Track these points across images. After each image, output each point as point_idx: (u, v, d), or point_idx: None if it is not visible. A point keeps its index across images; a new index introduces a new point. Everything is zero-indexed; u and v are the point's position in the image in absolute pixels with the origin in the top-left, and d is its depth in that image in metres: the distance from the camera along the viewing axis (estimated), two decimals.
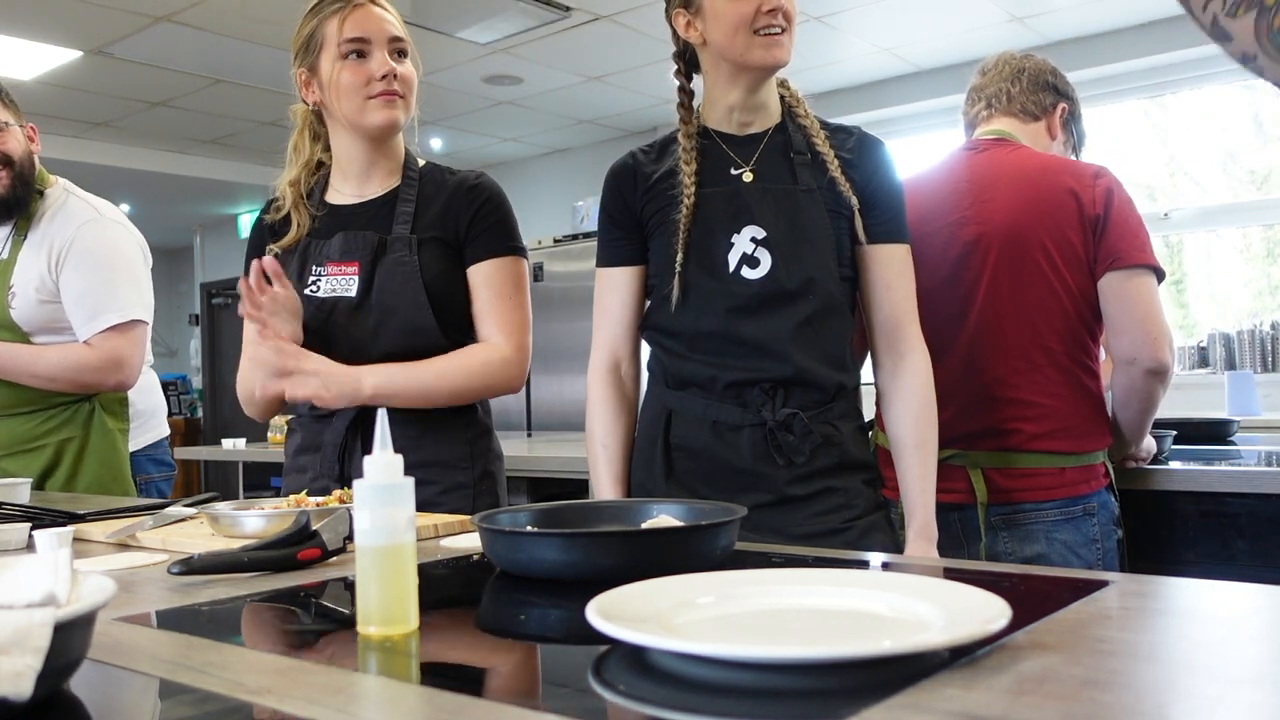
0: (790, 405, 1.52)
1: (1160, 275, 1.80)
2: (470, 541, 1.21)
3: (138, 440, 2.46)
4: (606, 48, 5.52)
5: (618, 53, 5.59)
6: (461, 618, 0.89)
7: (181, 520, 1.39)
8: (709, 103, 1.63)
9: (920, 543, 1.53)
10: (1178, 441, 2.24)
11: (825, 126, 1.62)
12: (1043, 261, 1.82)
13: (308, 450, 1.73)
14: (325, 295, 1.66)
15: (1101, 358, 1.91)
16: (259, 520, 1.23)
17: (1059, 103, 2.00)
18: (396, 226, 1.69)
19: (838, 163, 1.57)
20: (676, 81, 1.64)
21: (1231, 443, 2.58)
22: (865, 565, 1.09)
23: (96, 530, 1.36)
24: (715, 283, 1.54)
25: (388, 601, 0.77)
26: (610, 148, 7.13)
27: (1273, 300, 5.36)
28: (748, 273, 1.53)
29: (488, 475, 1.74)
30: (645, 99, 6.42)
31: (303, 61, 1.70)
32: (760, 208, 1.54)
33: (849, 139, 1.61)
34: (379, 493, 0.78)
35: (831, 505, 1.53)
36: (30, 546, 1.26)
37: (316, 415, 1.71)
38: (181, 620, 0.87)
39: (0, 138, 2.20)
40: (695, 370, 1.56)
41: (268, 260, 1.57)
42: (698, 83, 1.65)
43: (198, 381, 10.11)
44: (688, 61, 1.65)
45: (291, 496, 1.38)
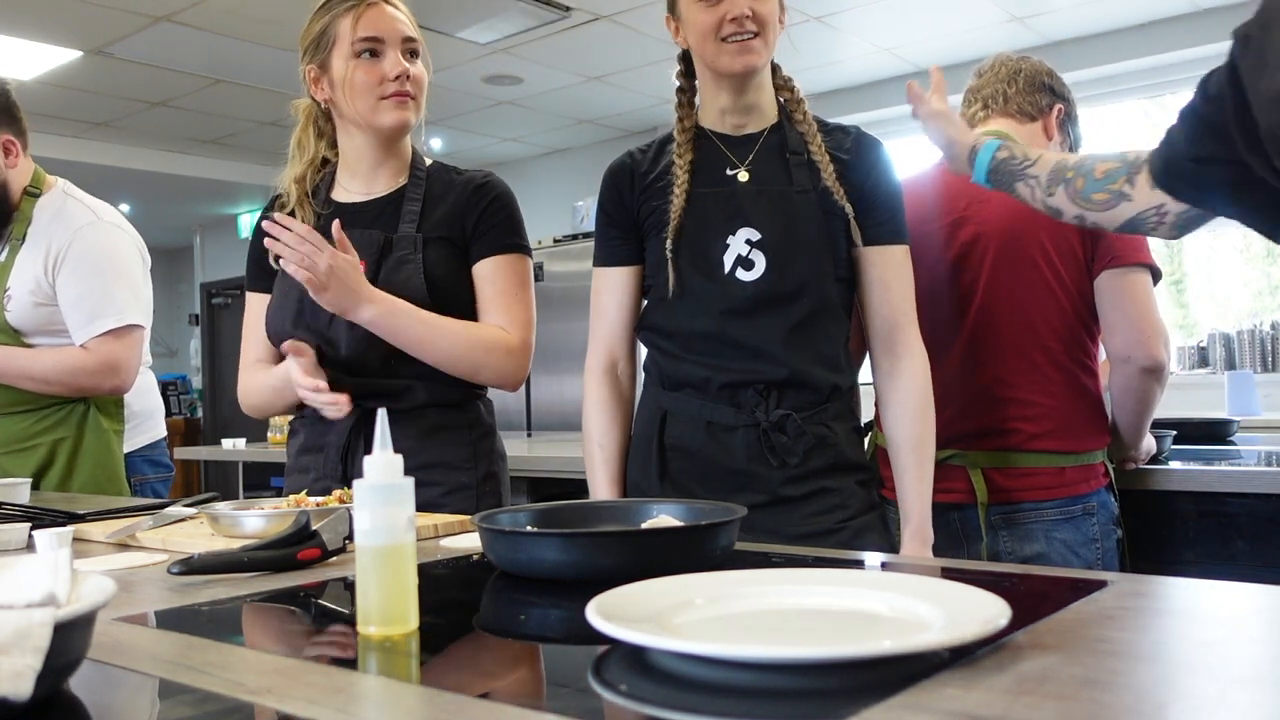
0: (784, 406, 1.52)
1: (1157, 274, 1.81)
2: (470, 541, 1.21)
3: (133, 441, 2.45)
4: (606, 48, 5.52)
5: (618, 53, 5.59)
6: (461, 618, 0.89)
7: (181, 520, 1.39)
8: (703, 104, 1.64)
9: (915, 545, 1.53)
10: (1177, 441, 2.24)
11: (824, 127, 1.61)
12: (1041, 261, 1.82)
13: (310, 450, 1.72)
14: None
15: (1101, 358, 1.91)
16: (259, 520, 1.23)
17: (1055, 104, 2.00)
18: (402, 225, 1.69)
19: (833, 165, 1.56)
20: (677, 82, 1.65)
21: (1231, 443, 2.58)
22: (865, 565, 1.09)
23: (96, 530, 1.36)
24: (710, 284, 1.54)
25: (388, 601, 0.77)
26: (610, 148, 7.13)
27: (1273, 300, 5.36)
28: (742, 275, 1.53)
29: (491, 476, 1.74)
30: (645, 99, 6.42)
31: (313, 58, 1.68)
32: (755, 210, 1.54)
33: (847, 139, 1.61)
34: (379, 493, 0.78)
35: (825, 506, 1.53)
36: (30, 546, 1.26)
37: (320, 416, 1.70)
38: (181, 620, 0.87)
39: None
40: (690, 371, 1.57)
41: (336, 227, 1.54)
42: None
43: (198, 381, 10.11)
44: (689, 62, 1.65)
45: (291, 496, 1.38)
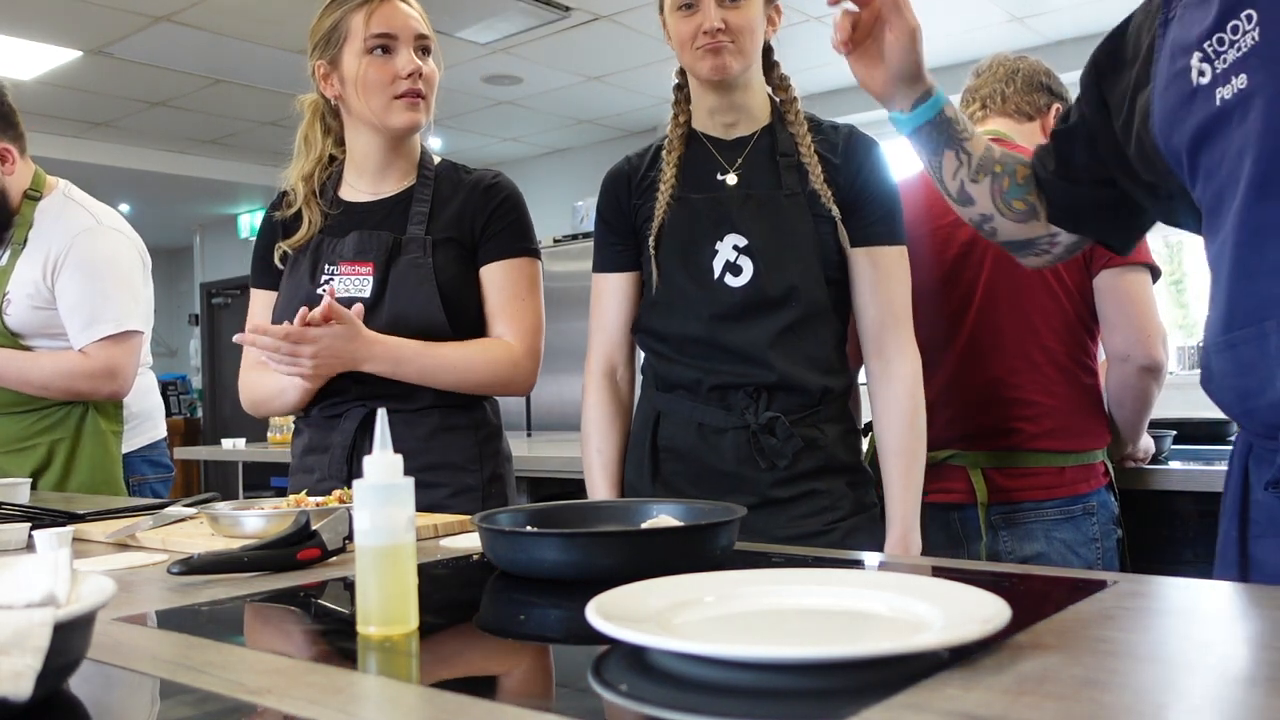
0: (774, 409, 1.52)
1: (1156, 274, 1.81)
2: (470, 541, 1.21)
3: (133, 441, 2.44)
4: (606, 48, 5.52)
5: (618, 53, 5.60)
6: (461, 618, 0.89)
7: (181, 520, 1.39)
8: (695, 105, 1.63)
9: (896, 552, 1.53)
10: (1177, 441, 2.24)
11: (817, 127, 1.60)
12: None
13: (315, 451, 1.71)
14: (339, 295, 1.64)
15: (1101, 358, 1.91)
16: (259, 520, 1.23)
17: (1053, 103, 2.00)
18: (411, 227, 1.67)
19: (821, 166, 1.55)
20: (676, 79, 1.65)
21: (1231, 443, 2.57)
22: (865, 566, 1.09)
23: (96, 530, 1.36)
24: (700, 290, 1.54)
25: (388, 601, 0.77)
26: (610, 148, 7.14)
27: None
28: (731, 280, 1.53)
29: (497, 478, 1.73)
30: (645, 99, 6.42)
31: (323, 54, 1.66)
32: (742, 215, 1.54)
33: (838, 139, 1.59)
34: (379, 493, 0.78)
35: (815, 508, 1.53)
36: (30, 546, 1.26)
37: (324, 416, 1.70)
38: (181, 620, 0.87)
39: None
40: (682, 373, 1.57)
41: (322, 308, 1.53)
42: None
43: (197, 381, 10.11)
44: None
45: (291, 496, 1.38)
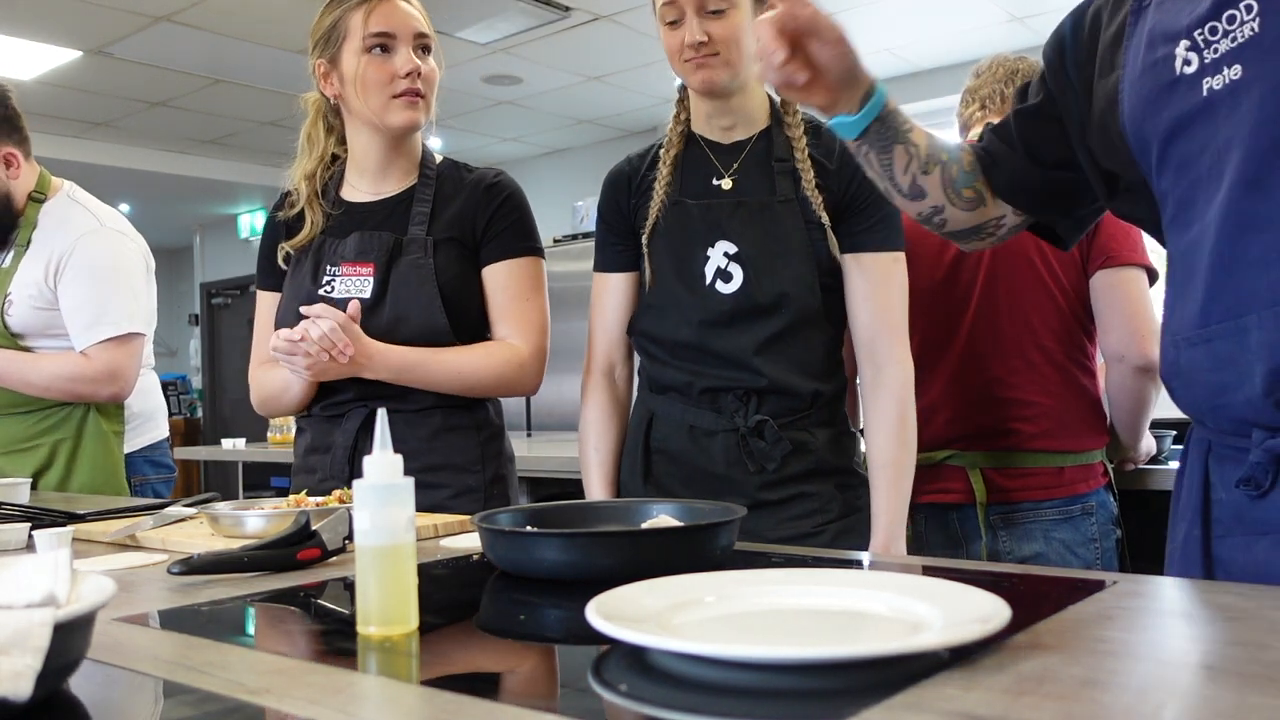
0: (763, 412, 1.52)
1: (1153, 275, 1.81)
2: (470, 541, 1.21)
3: (135, 441, 2.45)
4: (606, 48, 5.52)
5: (618, 53, 5.60)
6: (461, 618, 0.89)
7: (181, 520, 1.39)
8: (693, 111, 1.63)
9: None
10: (1177, 441, 2.24)
11: (815, 130, 1.58)
12: (1038, 262, 1.82)
13: (317, 450, 1.71)
14: (340, 296, 1.64)
15: (1100, 359, 1.91)
16: (259, 520, 1.23)
17: None
18: (412, 227, 1.67)
19: (814, 173, 1.54)
20: (679, 79, 1.64)
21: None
22: (864, 566, 1.09)
23: (96, 530, 1.36)
24: (690, 295, 1.54)
25: (387, 601, 0.77)
26: (610, 148, 7.14)
27: None
28: (721, 287, 1.53)
29: (500, 479, 1.72)
30: (645, 99, 6.42)
31: (322, 53, 1.66)
32: (733, 222, 1.53)
33: (835, 141, 1.56)
34: (379, 493, 0.78)
35: (804, 510, 1.53)
36: (30, 546, 1.26)
37: (326, 415, 1.70)
38: (181, 620, 0.87)
39: None
40: (674, 376, 1.58)
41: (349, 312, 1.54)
42: None
43: (197, 381, 10.10)
44: None
45: (291, 496, 1.38)
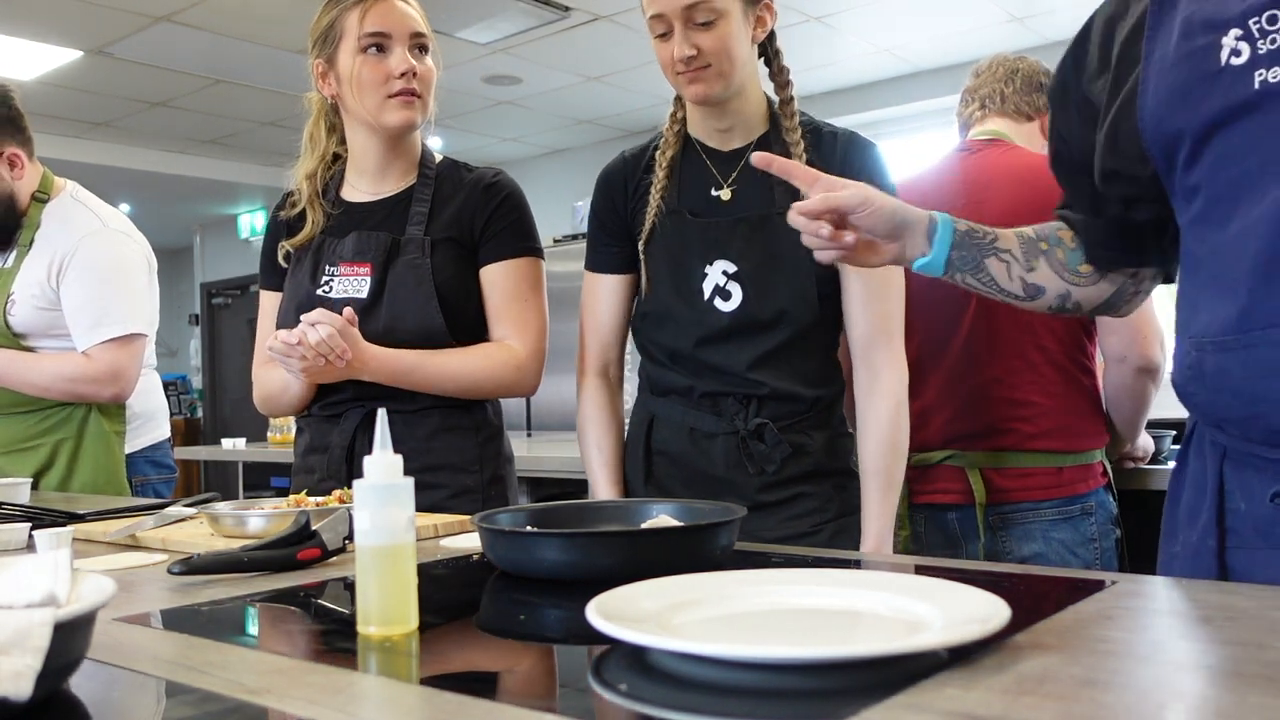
0: (763, 415, 1.52)
1: None
2: (470, 541, 1.21)
3: (135, 441, 2.45)
4: (606, 48, 5.52)
5: (618, 53, 5.59)
6: (461, 618, 0.89)
7: (181, 520, 1.39)
8: (689, 113, 1.61)
9: None
10: (1176, 441, 2.24)
11: (814, 133, 1.56)
12: None
13: (316, 450, 1.71)
14: (338, 296, 1.64)
15: (1100, 359, 1.91)
16: (259, 520, 1.23)
17: None
18: (410, 227, 1.67)
19: None
20: None
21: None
22: (864, 566, 1.09)
23: (97, 530, 1.36)
24: (688, 309, 1.54)
25: (387, 601, 0.77)
26: (610, 148, 7.12)
27: None
28: (720, 304, 1.53)
29: (498, 480, 1.72)
30: (645, 99, 6.42)
31: (320, 52, 1.66)
32: (731, 240, 1.53)
33: (835, 147, 1.55)
34: (379, 493, 0.78)
35: (802, 510, 1.54)
36: (30, 546, 1.26)
37: (325, 416, 1.69)
38: (182, 620, 0.87)
39: None
40: (674, 380, 1.58)
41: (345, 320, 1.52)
42: None
43: (198, 381, 10.09)
44: None
45: (291, 496, 1.38)
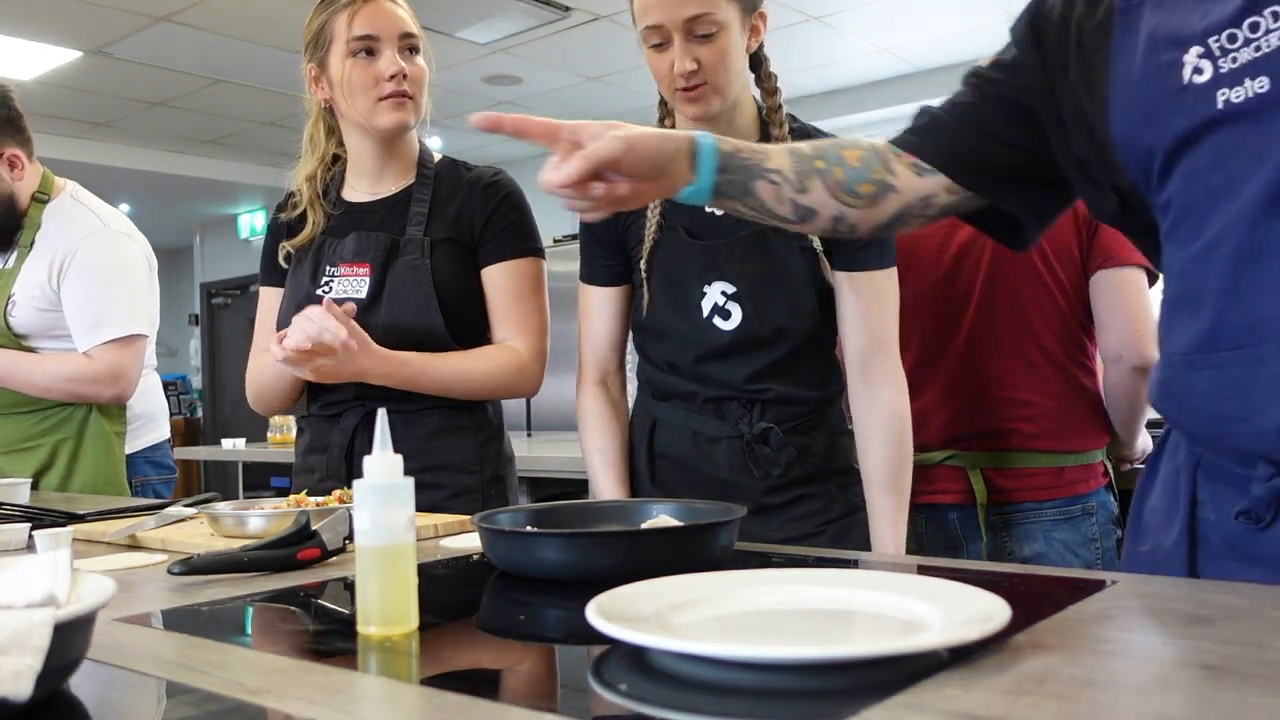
0: (767, 419, 1.53)
1: (1153, 276, 1.80)
2: (470, 541, 1.21)
3: (136, 442, 2.45)
4: (606, 48, 5.52)
5: (618, 53, 5.60)
6: (461, 618, 0.89)
7: (181, 520, 1.39)
8: (678, 123, 1.59)
9: None
10: None
11: (805, 137, 1.52)
12: (1038, 261, 1.82)
13: (316, 450, 1.71)
14: (338, 296, 1.64)
15: (1099, 359, 1.91)
16: (259, 520, 1.23)
17: None
18: (410, 228, 1.67)
19: None
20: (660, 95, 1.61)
21: None
22: (864, 566, 1.09)
23: (97, 530, 1.36)
24: (688, 326, 1.54)
25: (387, 601, 0.77)
26: None
27: None
28: (720, 322, 1.53)
29: (498, 480, 1.72)
30: (645, 99, 6.40)
31: (312, 56, 1.66)
32: (728, 260, 1.52)
33: None
34: (379, 493, 0.78)
35: (807, 511, 1.54)
36: (30, 546, 1.26)
37: (325, 415, 1.69)
38: (182, 620, 0.87)
39: None
40: (677, 385, 1.58)
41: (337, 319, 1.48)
42: None
43: (197, 381, 10.10)
44: None
45: (291, 496, 1.38)
